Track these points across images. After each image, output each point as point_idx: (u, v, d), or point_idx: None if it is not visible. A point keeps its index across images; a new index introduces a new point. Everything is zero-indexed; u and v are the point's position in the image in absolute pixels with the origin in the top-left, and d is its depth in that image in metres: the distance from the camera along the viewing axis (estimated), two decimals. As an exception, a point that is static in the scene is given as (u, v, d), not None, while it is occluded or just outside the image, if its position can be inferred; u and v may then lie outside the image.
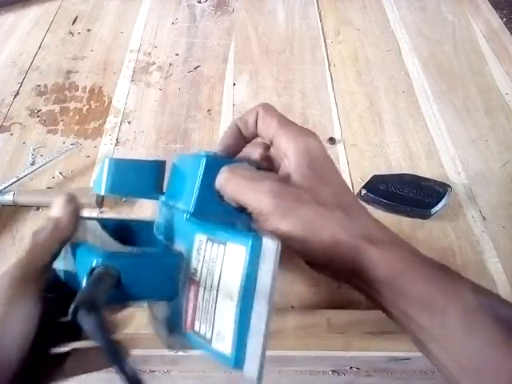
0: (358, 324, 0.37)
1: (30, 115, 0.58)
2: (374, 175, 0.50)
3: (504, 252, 0.46)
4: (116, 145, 0.55)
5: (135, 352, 0.42)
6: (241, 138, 0.32)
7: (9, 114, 0.58)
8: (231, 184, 0.28)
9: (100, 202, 0.48)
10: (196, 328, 0.26)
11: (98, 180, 0.31)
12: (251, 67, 0.66)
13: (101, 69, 0.65)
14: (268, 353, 0.41)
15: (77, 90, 0.61)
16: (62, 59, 0.66)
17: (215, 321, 0.25)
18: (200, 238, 0.27)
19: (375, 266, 0.26)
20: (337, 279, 0.32)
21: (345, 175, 0.52)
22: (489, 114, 0.60)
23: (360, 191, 0.49)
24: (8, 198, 0.46)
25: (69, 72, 0.64)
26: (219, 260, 0.25)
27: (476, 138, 0.57)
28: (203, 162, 0.29)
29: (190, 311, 0.27)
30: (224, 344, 0.24)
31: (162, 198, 0.32)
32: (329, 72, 0.65)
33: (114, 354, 0.22)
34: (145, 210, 0.48)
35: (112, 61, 0.66)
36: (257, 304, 0.24)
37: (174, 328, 0.28)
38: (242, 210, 0.29)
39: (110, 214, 0.47)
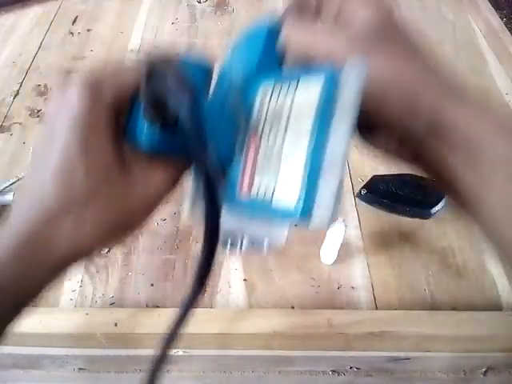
0: (358, 324, 0.37)
1: (30, 115, 0.58)
2: (374, 175, 0.50)
3: (504, 252, 0.46)
4: (116, 145, 0.55)
5: (135, 352, 0.42)
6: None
7: (9, 114, 0.58)
8: (300, 33, 0.25)
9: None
10: (255, 187, 0.22)
11: None
12: (251, 67, 0.66)
13: (101, 69, 0.65)
14: (268, 353, 0.41)
15: (77, 90, 0.61)
16: (62, 59, 0.66)
17: (281, 167, 0.21)
18: (265, 87, 0.23)
19: (457, 125, 0.23)
20: (403, 147, 0.26)
21: (345, 175, 0.52)
22: (489, 114, 0.60)
23: (360, 191, 0.49)
24: (8, 198, 0.46)
25: (69, 72, 0.64)
26: (289, 98, 0.22)
27: (476, 138, 0.57)
28: (266, 25, 0.26)
29: (248, 171, 0.23)
30: (290, 191, 0.20)
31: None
32: (329, 72, 0.65)
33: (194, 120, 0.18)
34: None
35: (112, 61, 0.66)
36: (336, 125, 0.20)
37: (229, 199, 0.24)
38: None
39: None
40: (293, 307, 0.41)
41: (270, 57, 0.25)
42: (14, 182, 0.48)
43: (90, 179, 0.20)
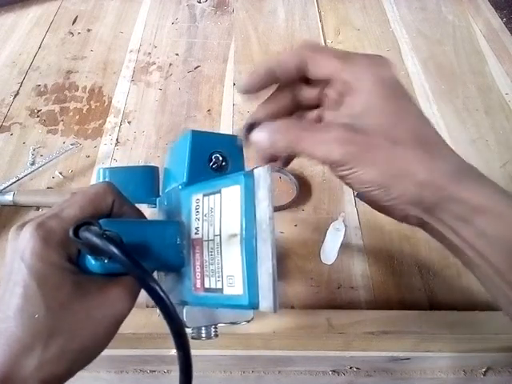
0: (358, 324, 0.37)
1: (29, 115, 0.58)
2: (374, 175, 0.50)
3: (504, 252, 0.46)
4: (116, 145, 0.55)
5: (135, 352, 0.42)
6: (270, 80, 0.27)
7: (9, 114, 0.58)
8: (289, 136, 0.24)
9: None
10: (206, 285, 0.25)
11: None
12: (251, 67, 0.66)
13: (101, 69, 0.65)
14: (268, 353, 0.41)
15: (77, 90, 0.61)
16: (62, 59, 0.66)
17: (223, 267, 0.25)
18: (196, 198, 0.27)
19: (460, 205, 0.23)
20: (407, 222, 0.28)
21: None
22: (489, 114, 0.60)
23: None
24: (8, 197, 0.46)
25: (69, 72, 0.64)
26: (217, 208, 0.26)
27: (476, 138, 0.57)
28: (190, 134, 0.29)
29: (198, 271, 0.26)
30: (235, 286, 0.24)
31: (159, 198, 0.33)
32: (329, 72, 0.65)
33: (130, 260, 0.21)
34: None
35: (112, 61, 0.66)
36: (260, 232, 0.23)
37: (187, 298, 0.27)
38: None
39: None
40: (293, 307, 0.41)
41: (198, 160, 0.29)
42: (14, 182, 0.48)
43: (51, 314, 0.21)
